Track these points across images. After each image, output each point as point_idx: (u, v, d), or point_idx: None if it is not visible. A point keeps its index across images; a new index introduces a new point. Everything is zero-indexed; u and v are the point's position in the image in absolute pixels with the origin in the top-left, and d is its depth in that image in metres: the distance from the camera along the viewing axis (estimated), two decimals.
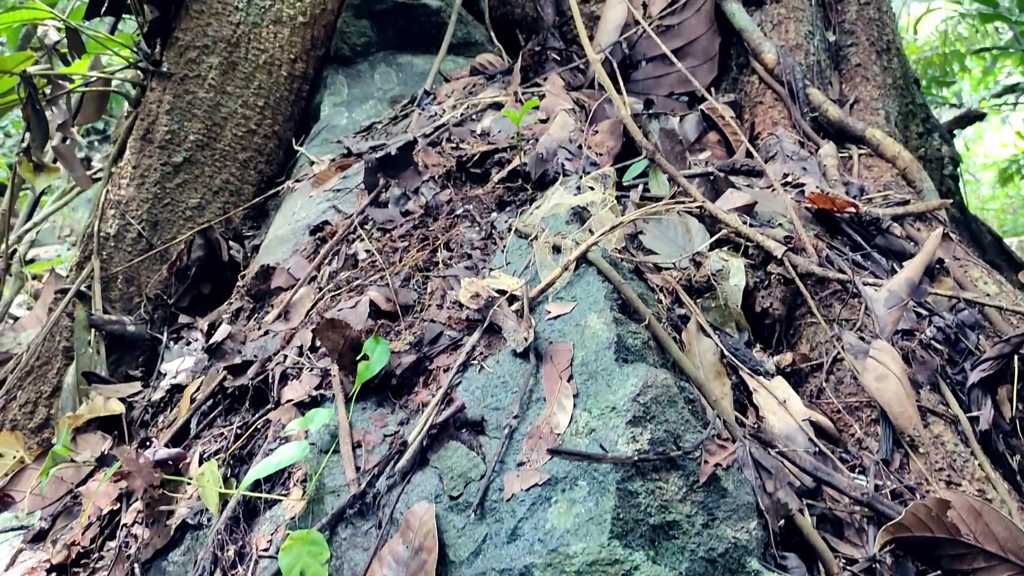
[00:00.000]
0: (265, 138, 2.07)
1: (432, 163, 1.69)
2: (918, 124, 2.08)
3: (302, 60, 2.06)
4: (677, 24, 2.07)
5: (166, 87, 1.98)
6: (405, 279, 1.44)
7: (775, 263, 1.34)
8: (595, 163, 1.59)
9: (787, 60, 1.86)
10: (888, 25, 2.05)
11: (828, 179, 1.65)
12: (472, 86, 1.99)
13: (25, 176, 1.87)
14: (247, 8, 2.00)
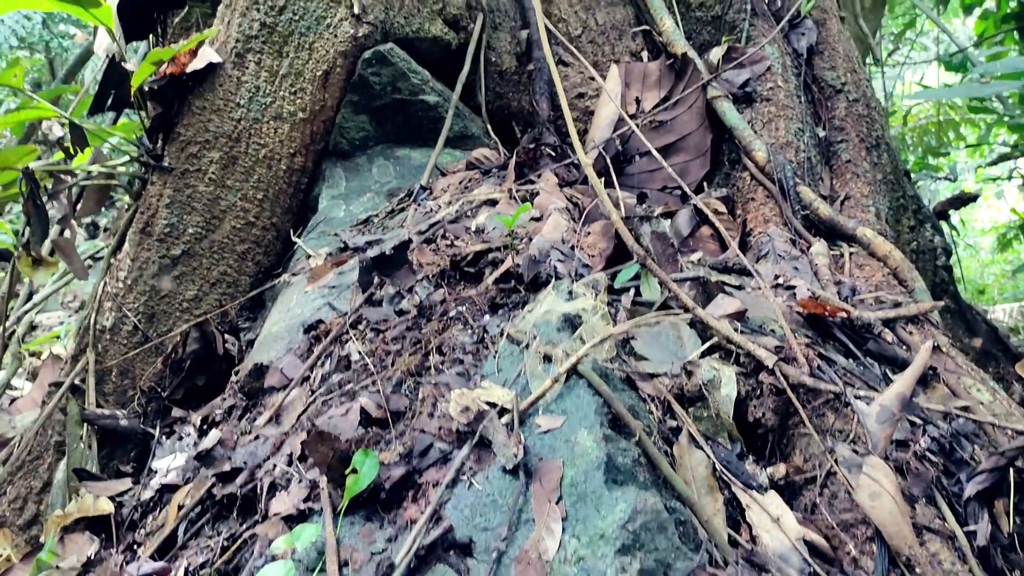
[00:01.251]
0: (263, 230, 2.10)
1: (427, 262, 1.71)
2: (909, 217, 2.10)
3: (301, 154, 2.10)
4: (670, 120, 2.11)
5: (167, 181, 2.02)
6: (397, 384, 1.43)
7: (767, 372, 1.33)
8: (587, 265, 1.60)
9: (778, 158, 1.89)
10: (877, 121, 2.09)
11: (820, 279, 1.66)
12: (468, 181, 2.02)
13: (24, 271, 1.88)
14: (248, 104, 2.05)
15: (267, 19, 2.06)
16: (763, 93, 2.03)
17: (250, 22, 2.06)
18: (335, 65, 2.06)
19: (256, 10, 2.06)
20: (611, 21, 2.36)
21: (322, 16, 2.06)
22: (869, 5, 5.57)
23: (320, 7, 2.06)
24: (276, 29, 2.06)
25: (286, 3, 2.06)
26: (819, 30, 2.17)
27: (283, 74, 2.06)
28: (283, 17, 2.06)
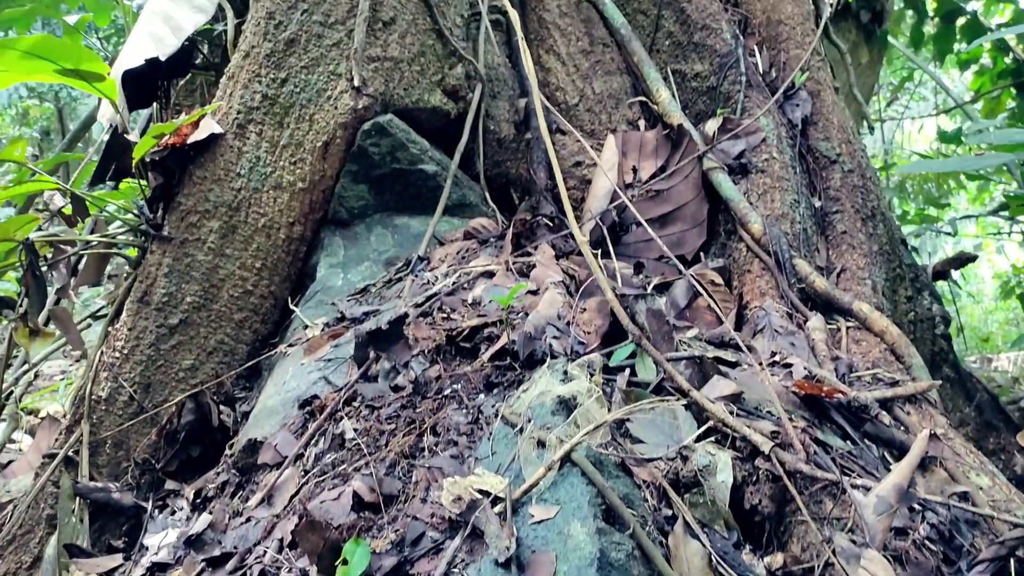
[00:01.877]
0: (261, 298, 2.10)
1: (423, 336, 1.71)
2: (907, 287, 2.10)
3: (300, 223, 2.11)
4: (667, 189, 2.13)
5: (166, 250, 2.03)
6: (390, 466, 1.42)
7: (763, 458, 1.32)
8: (583, 342, 1.60)
9: (773, 231, 1.90)
10: (872, 191, 2.11)
11: (817, 355, 1.65)
12: (465, 251, 2.03)
13: (20, 342, 1.89)
14: (249, 174, 2.07)
15: (269, 91, 2.09)
16: (758, 164, 2.05)
17: (252, 94, 2.09)
18: (335, 136, 2.09)
19: (258, 82, 2.09)
20: (608, 90, 2.39)
21: (323, 88, 2.09)
22: (866, 61, 5.64)
23: (321, 80, 2.09)
24: (278, 101, 2.09)
25: (288, 75, 2.09)
26: (813, 101, 2.20)
27: (283, 144, 2.09)
28: (285, 89, 2.09)
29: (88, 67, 1.88)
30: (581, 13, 2.48)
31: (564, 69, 2.42)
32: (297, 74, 2.09)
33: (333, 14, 2.11)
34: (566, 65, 2.42)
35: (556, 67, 2.44)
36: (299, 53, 2.10)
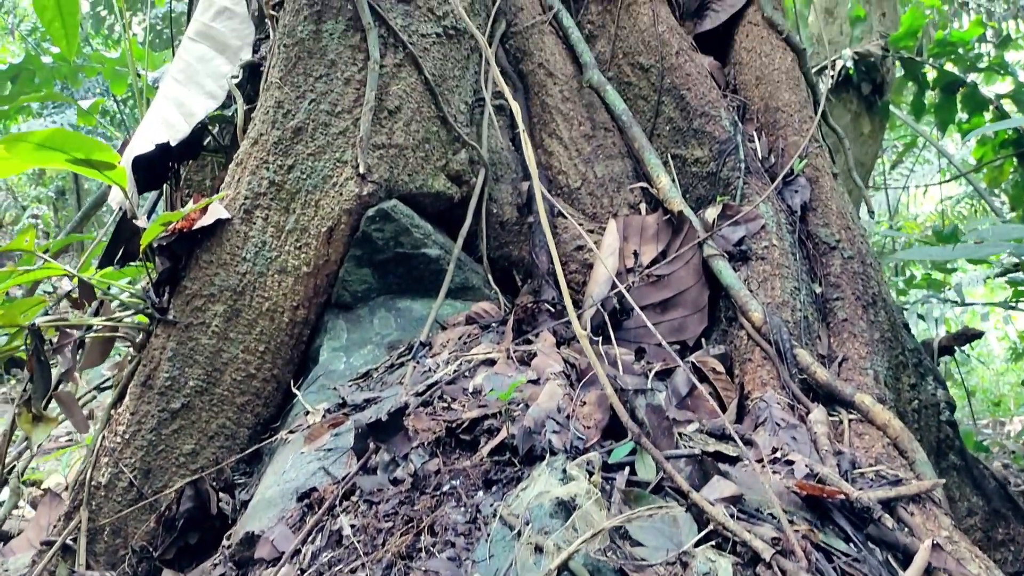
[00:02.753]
0: (264, 382, 2.11)
1: (423, 428, 1.70)
2: (910, 374, 2.10)
3: (304, 307, 2.13)
4: (668, 275, 2.14)
5: (170, 334, 2.04)
6: (387, 567, 1.41)
7: (764, 566, 1.30)
8: (583, 437, 1.59)
9: (774, 319, 1.91)
10: (873, 278, 2.11)
11: (819, 449, 1.64)
12: (467, 336, 2.04)
13: (24, 428, 1.89)
14: (254, 259, 2.10)
15: (276, 177, 2.13)
16: (758, 251, 2.07)
17: (259, 180, 2.13)
18: (340, 222, 2.12)
19: (266, 168, 2.13)
20: (610, 174, 2.43)
21: (328, 175, 2.13)
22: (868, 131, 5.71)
23: (327, 166, 2.13)
24: (284, 187, 2.13)
25: (295, 162, 2.13)
26: (812, 187, 2.23)
27: (289, 230, 2.12)
28: (291, 175, 2.13)
29: (99, 157, 1.92)
30: (583, 98, 2.54)
31: (566, 153, 2.47)
32: (304, 161, 2.13)
33: (340, 103, 2.16)
34: (568, 149, 2.46)
35: (559, 151, 2.48)
36: (306, 141, 2.14)
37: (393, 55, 2.21)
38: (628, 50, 2.53)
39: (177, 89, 2.40)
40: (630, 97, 2.52)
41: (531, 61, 2.61)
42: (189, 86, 2.39)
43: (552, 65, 2.57)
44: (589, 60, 2.52)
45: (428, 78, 2.24)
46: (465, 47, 2.37)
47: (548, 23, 2.65)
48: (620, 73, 2.55)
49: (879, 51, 5.41)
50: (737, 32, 2.57)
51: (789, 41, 2.47)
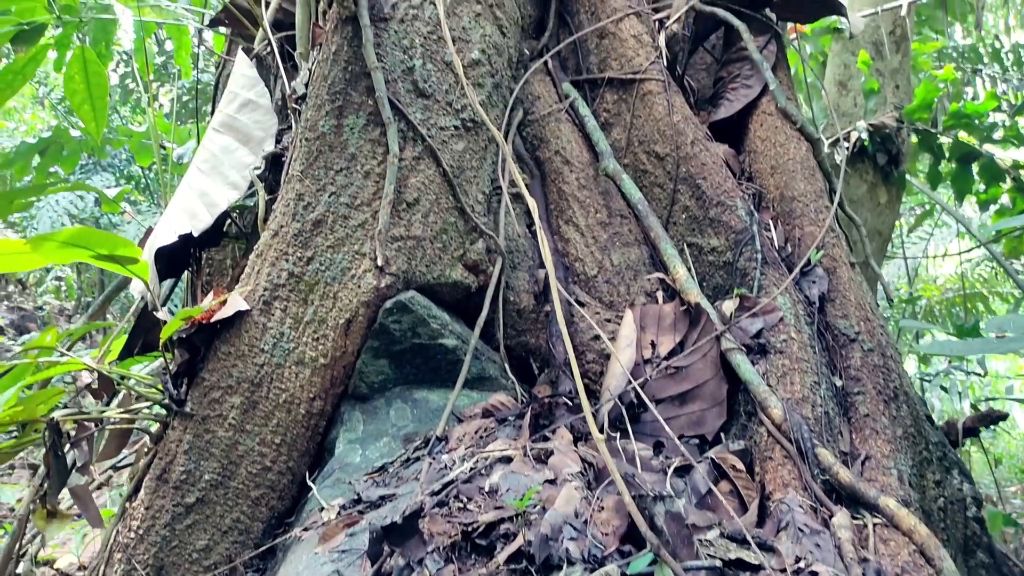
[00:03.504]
0: (279, 474, 2.10)
1: (438, 531, 1.68)
2: (934, 470, 2.05)
3: (320, 399, 2.13)
4: (685, 367, 2.13)
5: (187, 427, 2.05)
6: None
7: None
8: (601, 544, 1.56)
9: (794, 416, 1.88)
10: (894, 371, 2.09)
11: (844, 557, 1.60)
12: (484, 430, 2.03)
13: (38, 525, 1.89)
14: (272, 350, 2.11)
15: (295, 268, 2.15)
16: (777, 345, 2.05)
17: (279, 271, 2.15)
18: (358, 314, 2.13)
19: (286, 260, 2.15)
20: (626, 261, 2.43)
21: (347, 267, 2.15)
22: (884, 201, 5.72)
23: (346, 259, 2.16)
24: (303, 278, 2.15)
25: (314, 254, 2.15)
26: (830, 278, 2.22)
27: (307, 321, 2.13)
28: (310, 267, 2.15)
29: (122, 252, 1.96)
30: (599, 185, 2.56)
31: (583, 240, 2.48)
32: (323, 253, 2.16)
33: (359, 196, 2.20)
34: (585, 236, 2.48)
35: (575, 238, 2.50)
36: (325, 233, 2.17)
37: (412, 148, 2.25)
38: (643, 138, 2.56)
39: (201, 179, 2.45)
40: (646, 185, 2.54)
41: (548, 148, 2.65)
42: (213, 176, 2.44)
43: (568, 153, 2.61)
44: (605, 149, 2.55)
45: (446, 170, 2.28)
46: (483, 138, 2.41)
47: (564, 111, 2.69)
48: (636, 161, 2.58)
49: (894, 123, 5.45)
50: (751, 121, 2.60)
51: (803, 131, 2.50)
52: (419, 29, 2.32)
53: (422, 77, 2.30)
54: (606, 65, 2.70)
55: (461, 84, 2.32)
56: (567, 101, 2.70)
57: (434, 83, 2.31)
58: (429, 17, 2.34)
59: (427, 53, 2.32)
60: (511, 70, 2.63)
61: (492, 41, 2.47)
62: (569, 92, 2.73)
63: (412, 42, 2.31)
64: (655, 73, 2.56)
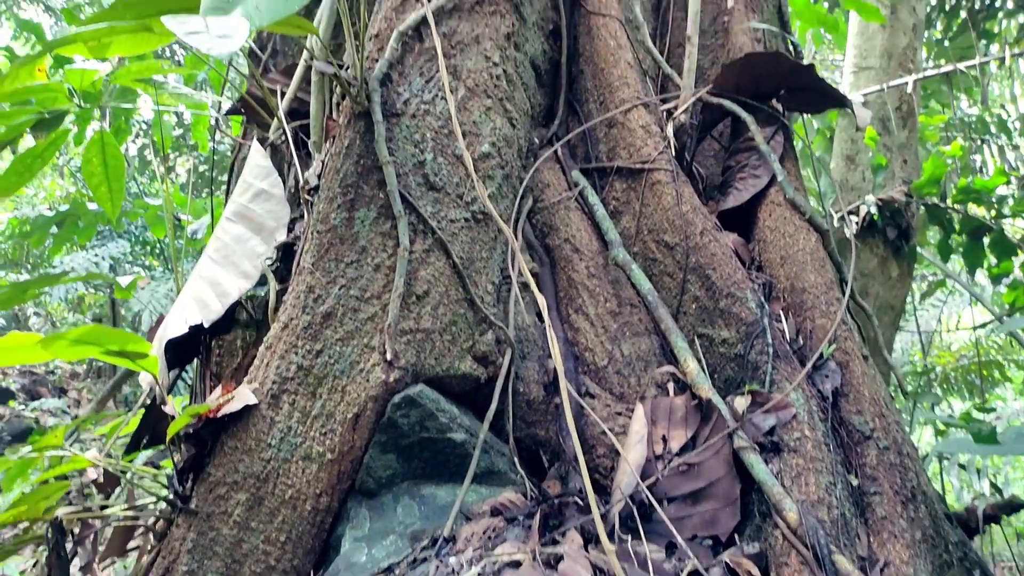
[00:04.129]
0: (283, 573, 2.06)
1: None
2: (955, 573, 2.00)
3: (327, 494, 2.10)
4: (697, 464, 2.09)
5: (192, 524, 2.02)
6: None
7: None
8: None
9: (809, 520, 1.84)
10: (911, 469, 2.05)
11: None
12: (492, 531, 1.99)
13: None
14: (279, 445, 2.09)
15: (304, 361, 2.15)
16: (790, 443, 2.02)
17: (288, 364, 2.15)
18: (366, 408, 2.12)
19: (295, 353, 2.15)
20: (636, 352, 2.42)
21: (356, 361, 2.15)
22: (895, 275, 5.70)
23: (355, 352, 2.15)
24: (312, 371, 2.14)
25: (323, 347, 2.15)
26: (843, 372, 2.19)
27: (315, 415, 2.12)
28: (319, 360, 2.15)
29: (132, 348, 1.96)
30: (609, 274, 2.56)
31: (593, 330, 2.47)
32: (332, 346, 2.16)
33: (369, 289, 2.21)
34: (595, 326, 2.47)
35: (585, 327, 2.49)
36: (335, 326, 2.17)
37: (422, 241, 2.27)
38: (653, 227, 2.57)
39: (213, 268, 2.47)
40: (655, 274, 2.54)
41: (558, 236, 2.66)
42: (225, 266, 2.46)
43: (578, 241, 2.62)
44: (614, 238, 2.57)
45: (456, 262, 2.29)
46: (493, 228, 2.43)
47: (574, 199, 2.71)
48: (645, 249, 2.59)
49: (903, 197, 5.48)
50: (760, 210, 2.61)
51: (812, 222, 2.50)
52: (430, 124, 2.36)
53: (433, 171, 2.33)
54: (615, 154, 2.73)
55: (471, 177, 2.34)
56: (576, 189, 2.72)
57: (445, 176, 2.34)
58: (440, 112, 2.38)
59: (438, 147, 2.35)
60: (521, 159, 2.67)
61: (502, 133, 2.51)
62: (578, 180, 2.75)
63: (423, 136, 2.34)
64: (664, 163, 2.59)
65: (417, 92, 2.39)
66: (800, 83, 2.62)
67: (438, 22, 2.48)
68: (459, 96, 2.43)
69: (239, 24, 1.69)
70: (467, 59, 2.50)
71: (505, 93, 2.57)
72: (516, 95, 2.65)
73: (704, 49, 3.02)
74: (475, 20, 2.55)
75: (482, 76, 2.50)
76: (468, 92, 2.45)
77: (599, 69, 2.84)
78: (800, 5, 5.41)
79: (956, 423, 6.73)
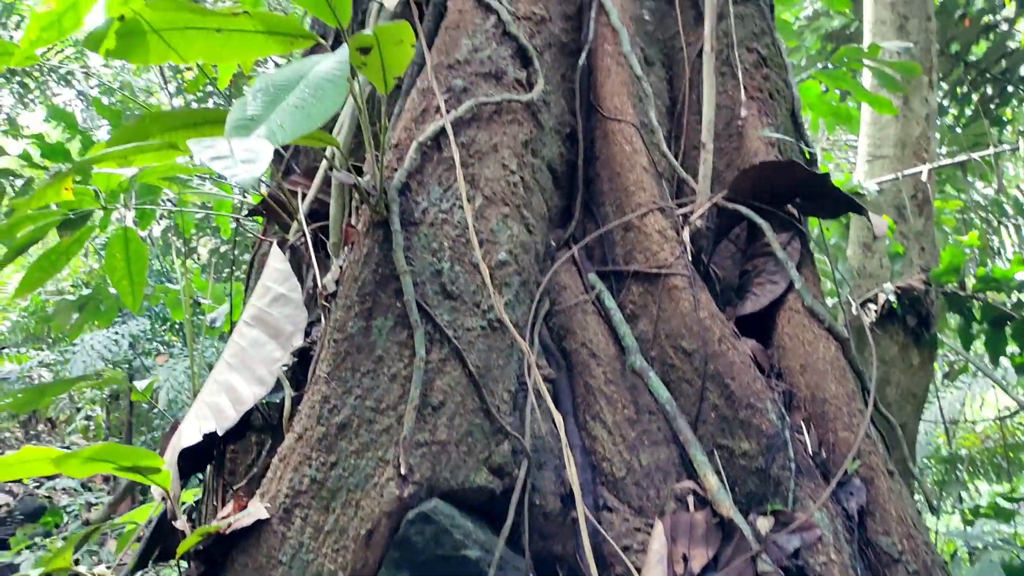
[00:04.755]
0: None
1: None
2: None
3: None
4: None
5: None
6: None
7: None
8: None
9: None
10: None
11: None
12: None
13: None
14: (290, 562, 2.05)
15: (318, 475, 2.12)
16: (816, 568, 1.95)
17: (301, 477, 2.12)
18: (379, 524, 2.08)
19: (308, 465, 2.13)
20: (655, 462, 2.38)
21: (370, 474, 2.12)
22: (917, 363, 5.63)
23: (370, 465, 2.13)
24: (325, 485, 2.11)
25: (338, 459, 2.13)
26: (868, 489, 2.14)
27: (327, 531, 2.08)
28: (333, 473, 2.12)
29: (145, 463, 1.95)
30: (627, 380, 2.54)
31: (611, 439, 2.44)
32: (347, 458, 2.13)
33: (385, 400, 2.19)
34: (613, 435, 2.44)
35: (603, 435, 2.45)
36: (350, 438, 2.15)
37: (439, 350, 2.26)
38: (670, 332, 2.56)
39: (229, 374, 2.47)
40: (673, 380, 2.51)
41: (574, 340, 2.65)
42: (241, 371, 2.46)
43: (595, 346, 2.60)
44: (632, 344, 2.55)
45: (472, 371, 2.27)
46: (510, 336, 2.42)
47: (591, 302, 2.71)
48: (663, 354, 2.57)
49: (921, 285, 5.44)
50: (779, 316, 2.60)
51: (832, 330, 2.48)
52: (448, 232, 2.39)
53: (450, 279, 2.34)
54: (631, 257, 2.74)
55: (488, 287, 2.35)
56: (593, 292, 2.72)
57: (462, 285, 2.35)
58: (458, 221, 2.40)
59: (455, 256, 2.37)
60: (538, 263, 2.68)
61: (520, 240, 2.53)
62: (595, 283, 2.76)
63: (441, 245, 2.36)
64: (680, 268, 2.59)
65: (435, 201, 2.42)
66: (815, 191, 2.63)
67: (457, 132, 2.53)
68: (477, 204, 2.46)
69: (263, 147, 1.73)
70: (485, 167, 2.54)
71: (523, 200, 2.60)
72: (533, 200, 2.68)
73: (719, 152, 3.06)
74: (493, 129, 2.60)
75: (500, 184, 2.54)
76: (486, 200, 2.48)
77: (615, 173, 2.88)
78: (812, 97, 5.50)
79: (983, 513, 6.54)
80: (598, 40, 3.10)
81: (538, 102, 2.78)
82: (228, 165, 1.67)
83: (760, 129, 2.88)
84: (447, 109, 2.54)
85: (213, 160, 1.72)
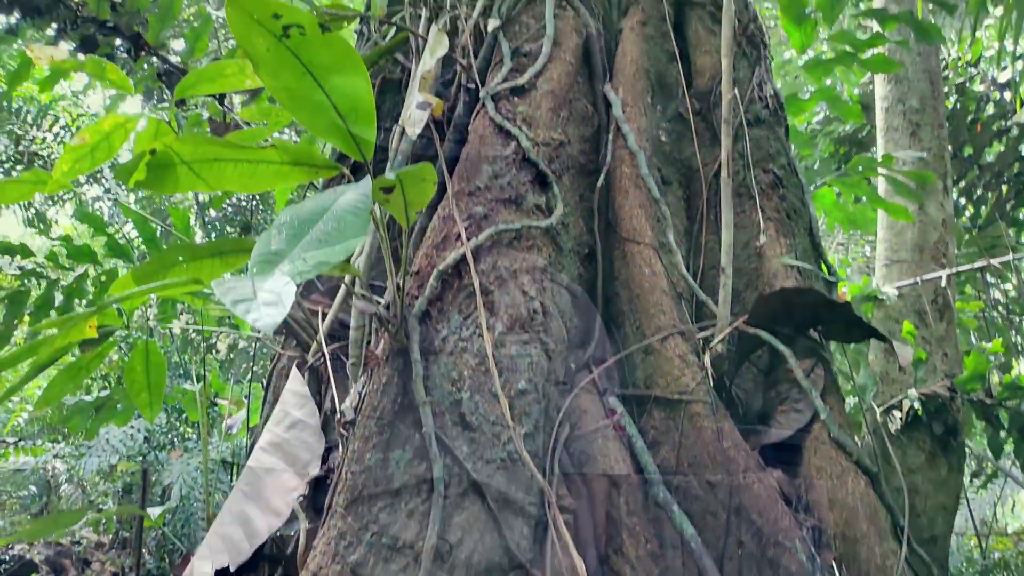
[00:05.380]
0: None
1: None
2: None
3: None
4: None
5: None
6: None
7: None
8: None
9: None
10: None
11: None
12: None
13: None
14: None
15: None
16: None
17: None
18: None
19: None
20: None
21: None
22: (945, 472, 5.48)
23: None
24: None
25: None
26: None
27: None
28: None
29: None
30: (649, 511, 2.48)
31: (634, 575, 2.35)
32: None
33: (402, 537, 2.14)
34: (636, 570, 2.36)
35: (626, 572, 2.37)
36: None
37: (457, 484, 2.22)
38: (693, 461, 2.50)
39: (243, 504, 2.43)
40: (697, 512, 2.45)
41: (595, 467, 2.60)
42: (256, 501, 2.42)
43: (617, 474, 2.55)
44: (654, 474, 2.50)
45: (491, 506, 2.22)
46: (529, 468, 2.37)
47: (612, 427, 2.67)
48: (686, 483, 2.51)
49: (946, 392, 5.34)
50: (805, 446, 2.54)
51: (860, 464, 2.42)
52: (468, 361, 2.38)
53: (469, 409, 2.32)
54: (652, 381, 2.71)
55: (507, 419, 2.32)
56: (614, 418, 2.68)
57: (481, 415, 2.33)
58: (477, 350, 2.40)
59: (475, 385, 2.35)
60: (557, 388, 2.65)
61: (539, 367, 2.51)
62: (616, 407, 2.72)
63: (460, 374, 2.35)
64: (702, 395, 2.56)
65: (455, 329, 2.42)
66: (836, 318, 2.61)
67: (477, 259, 2.55)
68: (496, 332, 2.46)
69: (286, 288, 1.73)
70: (505, 294, 2.54)
71: (542, 325, 2.59)
72: (552, 324, 2.67)
73: (738, 272, 3.06)
74: (512, 256, 2.62)
75: (519, 311, 2.54)
76: (505, 328, 2.48)
77: (635, 295, 2.88)
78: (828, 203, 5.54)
79: None
80: (616, 162, 3.16)
81: (557, 226, 2.81)
82: (251, 310, 1.68)
83: (779, 251, 2.89)
84: (468, 236, 2.57)
85: (236, 304, 1.72)
